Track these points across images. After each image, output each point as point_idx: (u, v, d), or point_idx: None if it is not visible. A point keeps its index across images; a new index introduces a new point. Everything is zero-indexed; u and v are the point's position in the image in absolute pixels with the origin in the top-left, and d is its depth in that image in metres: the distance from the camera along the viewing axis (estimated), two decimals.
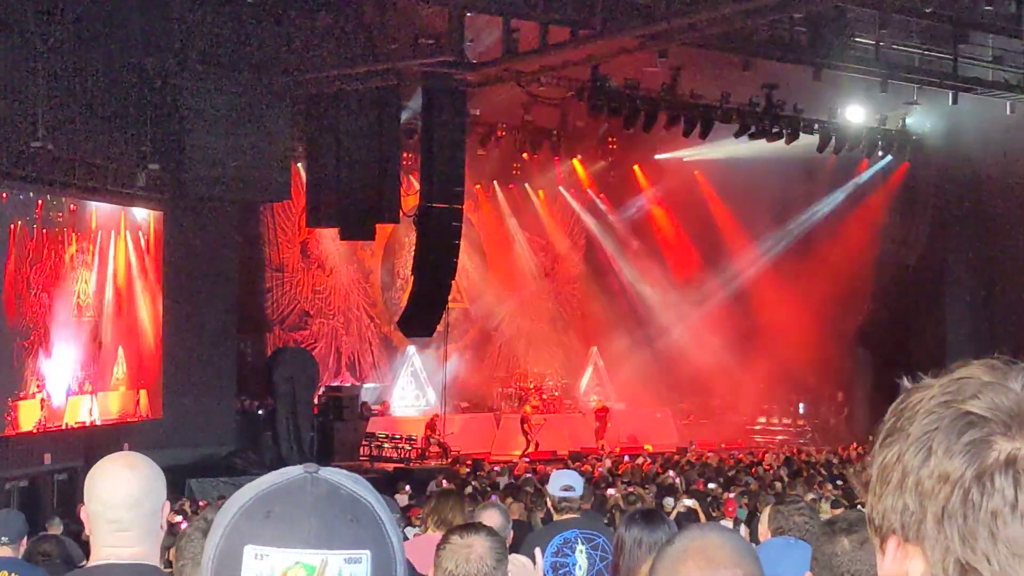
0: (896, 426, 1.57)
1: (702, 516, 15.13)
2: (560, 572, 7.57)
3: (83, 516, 3.89)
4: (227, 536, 1.62)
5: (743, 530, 12.97)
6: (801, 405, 42.28)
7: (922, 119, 38.99)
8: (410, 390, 39.33)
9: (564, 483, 8.26)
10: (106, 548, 3.84)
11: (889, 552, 1.56)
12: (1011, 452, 1.48)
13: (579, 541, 7.66)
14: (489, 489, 23.58)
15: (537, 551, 4.88)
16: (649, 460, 32.47)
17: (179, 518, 17.52)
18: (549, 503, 8.59)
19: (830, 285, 40.04)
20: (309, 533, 1.59)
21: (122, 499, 3.81)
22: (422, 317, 32.02)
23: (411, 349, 39.24)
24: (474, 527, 4.60)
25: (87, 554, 4.22)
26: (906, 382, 1.62)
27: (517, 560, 4.55)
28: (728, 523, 13.87)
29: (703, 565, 2.76)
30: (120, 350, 28.41)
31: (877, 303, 41.68)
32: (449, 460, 33.79)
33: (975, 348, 34.23)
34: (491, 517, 7.11)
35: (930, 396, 1.55)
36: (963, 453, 1.49)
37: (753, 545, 3.05)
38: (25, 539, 8.35)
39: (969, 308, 40.35)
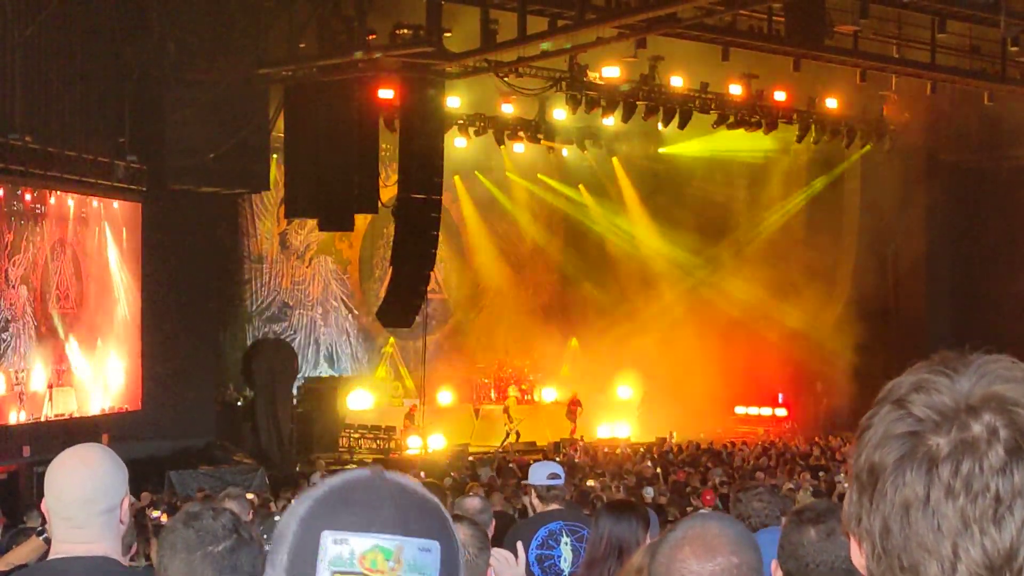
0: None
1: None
2: (546, 564, 7.56)
3: (43, 510, 3.87)
4: (303, 524, 1.67)
5: None
6: (780, 395, 42.32)
7: (900, 108, 39.02)
8: (389, 380, 39.25)
9: (550, 471, 8.24)
10: (63, 544, 3.81)
11: (853, 545, 1.61)
12: (931, 449, 1.50)
13: (564, 533, 7.65)
14: (469, 480, 23.60)
15: (519, 545, 4.87)
16: (629, 451, 32.50)
17: (157, 513, 17.47)
18: (534, 493, 8.51)
19: (809, 274, 40.06)
20: (387, 519, 1.64)
21: (75, 497, 3.77)
22: (401, 308, 31.92)
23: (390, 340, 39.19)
24: (455, 517, 4.59)
25: None
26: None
27: (500, 554, 4.54)
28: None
29: (700, 552, 2.81)
30: (99, 342, 28.32)
31: (857, 292, 41.74)
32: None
33: (955, 336, 34.32)
34: (471, 505, 7.12)
35: (882, 395, 1.59)
36: (885, 446, 1.53)
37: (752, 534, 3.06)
38: None
39: (949, 296, 40.46)
